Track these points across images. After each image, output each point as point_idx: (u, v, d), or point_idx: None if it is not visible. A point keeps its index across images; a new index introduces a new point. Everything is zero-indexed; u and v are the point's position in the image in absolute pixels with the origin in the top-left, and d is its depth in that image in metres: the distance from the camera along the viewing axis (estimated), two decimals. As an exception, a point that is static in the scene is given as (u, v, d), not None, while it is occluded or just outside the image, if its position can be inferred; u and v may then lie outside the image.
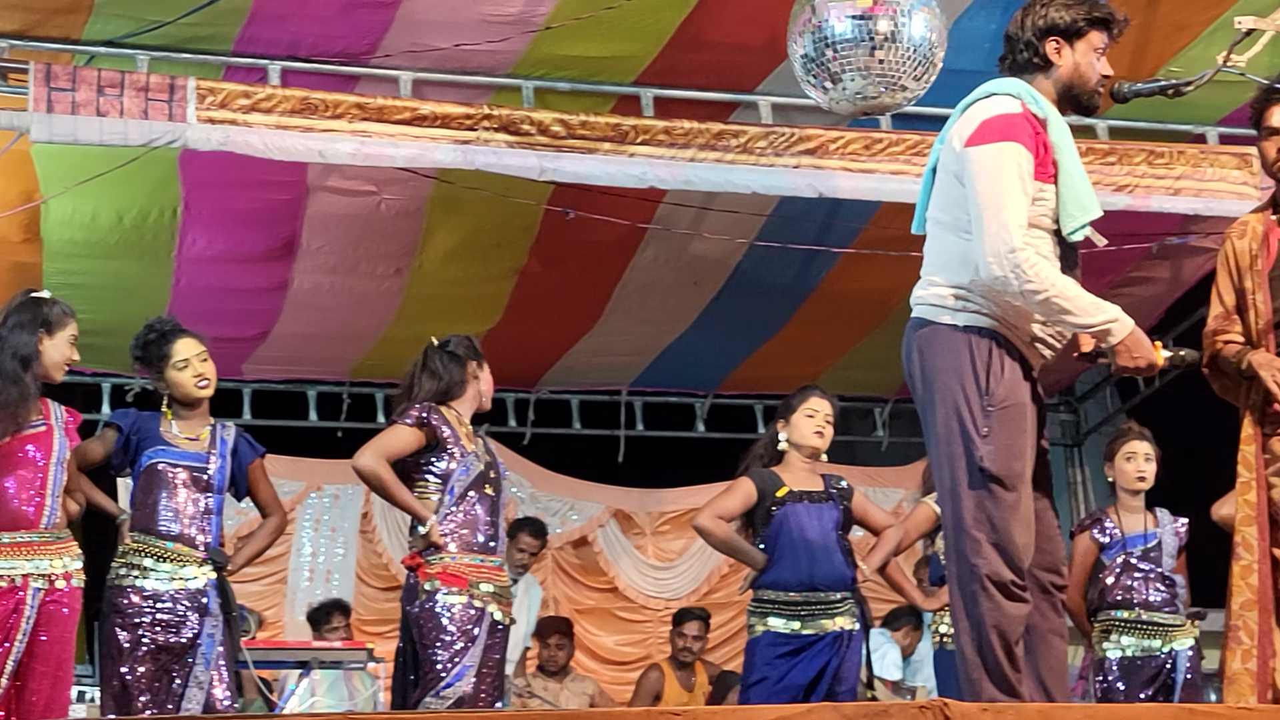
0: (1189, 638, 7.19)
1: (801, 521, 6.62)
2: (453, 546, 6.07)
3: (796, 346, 10.37)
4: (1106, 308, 4.48)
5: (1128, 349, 4.48)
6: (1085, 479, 11.70)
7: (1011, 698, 4.32)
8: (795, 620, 6.55)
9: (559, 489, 11.29)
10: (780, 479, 6.69)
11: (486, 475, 6.23)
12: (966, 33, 7.17)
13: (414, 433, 6.15)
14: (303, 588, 10.75)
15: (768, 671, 6.49)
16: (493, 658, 6.11)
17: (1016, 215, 4.40)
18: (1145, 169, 7.84)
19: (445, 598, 6.00)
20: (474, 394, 6.42)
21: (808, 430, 6.77)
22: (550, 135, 7.20)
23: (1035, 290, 4.37)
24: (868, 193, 7.58)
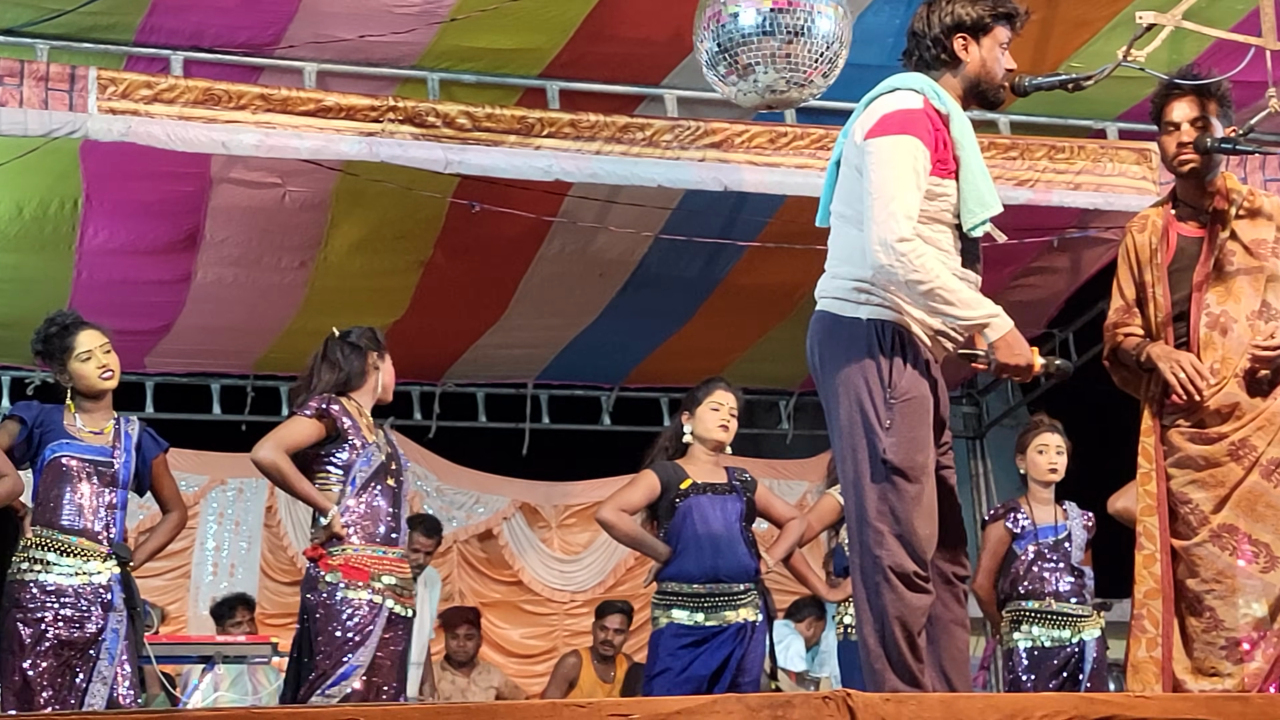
0: (1096, 628, 7.28)
1: (705, 514, 6.64)
2: (355, 538, 6.03)
3: (702, 339, 10.40)
4: (987, 304, 4.49)
5: (1008, 345, 4.47)
6: (987, 471, 11.81)
7: (914, 688, 4.36)
8: (699, 612, 6.56)
9: (464, 482, 11.26)
10: (684, 471, 6.71)
11: (388, 466, 6.19)
12: (871, 28, 7.22)
13: (313, 424, 6.10)
14: (206, 582, 10.67)
15: (670, 662, 6.51)
16: (392, 651, 6.07)
17: (906, 207, 4.43)
18: (1046, 164, 7.92)
19: (345, 591, 5.96)
20: (374, 385, 6.36)
21: (713, 423, 6.79)
22: (456, 128, 7.18)
23: (919, 280, 4.39)
24: (773, 186, 7.62)
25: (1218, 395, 5.11)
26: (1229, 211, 5.22)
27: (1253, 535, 5.05)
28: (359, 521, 6.05)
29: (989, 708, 3.77)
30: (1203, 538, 5.10)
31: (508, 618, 11.14)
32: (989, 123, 8.12)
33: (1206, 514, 5.11)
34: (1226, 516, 5.08)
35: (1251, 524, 5.06)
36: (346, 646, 5.90)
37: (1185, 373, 5.09)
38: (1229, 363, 5.12)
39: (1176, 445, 5.19)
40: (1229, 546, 5.07)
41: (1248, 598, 5.04)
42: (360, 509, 6.07)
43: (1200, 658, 5.09)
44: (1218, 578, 5.07)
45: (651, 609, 6.74)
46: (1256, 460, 5.07)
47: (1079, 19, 7.54)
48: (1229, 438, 5.10)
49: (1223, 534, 5.08)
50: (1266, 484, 5.07)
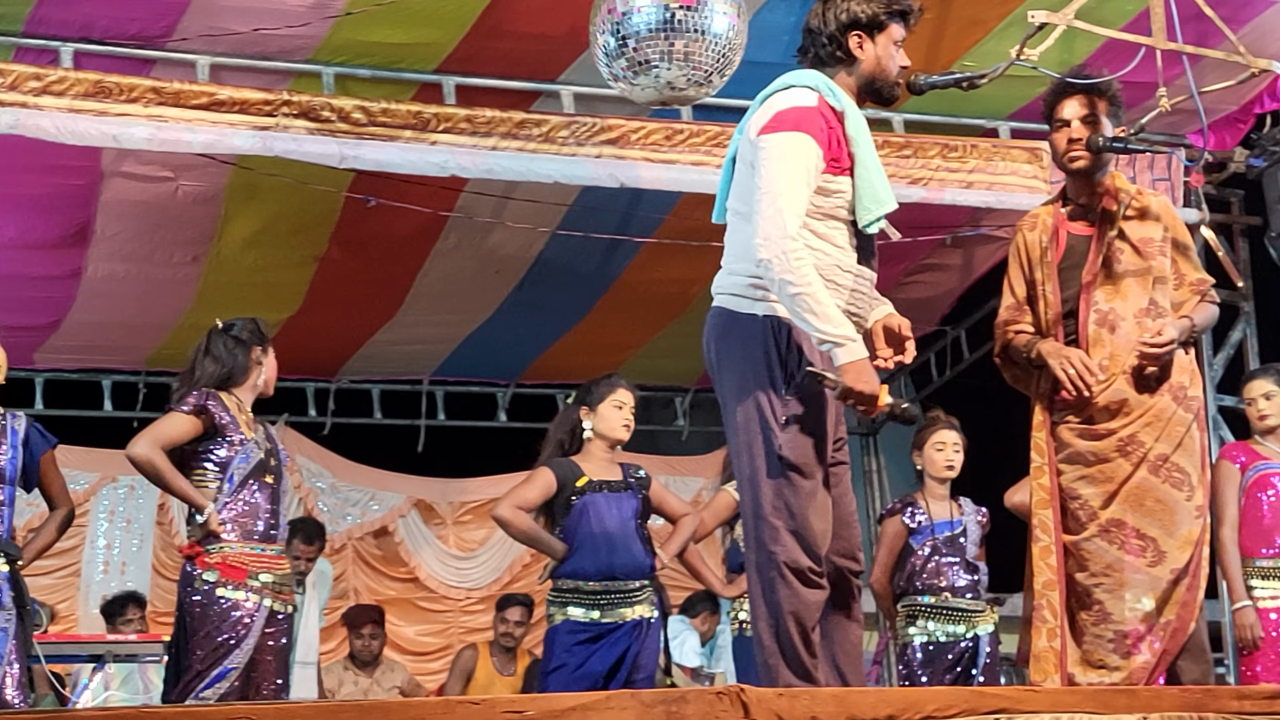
0: (990, 623, 7.35)
1: (600, 511, 6.63)
2: (232, 536, 5.96)
3: (599, 336, 10.40)
4: (848, 328, 4.42)
5: (857, 372, 4.38)
6: (881, 467, 11.90)
7: (807, 683, 4.38)
8: (595, 609, 6.56)
9: (359, 479, 11.20)
10: (580, 468, 6.70)
11: (267, 463, 6.13)
12: (766, 25, 7.25)
13: (191, 420, 6.01)
14: (97, 580, 10.55)
15: (566, 659, 6.50)
16: (272, 648, 6.02)
17: (794, 204, 4.43)
18: (940, 162, 7.99)
19: (222, 591, 5.90)
20: (256, 380, 6.29)
21: (616, 421, 6.78)
22: (351, 122, 7.14)
23: (790, 282, 4.37)
24: (669, 183, 7.64)
25: (1106, 392, 5.17)
26: (1117, 211, 5.28)
27: (1140, 530, 5.13)
28: (237, 519, 5.98)
29: (881, 702, 3.80)
30: (1091, 532, 5.17)
31: (403, 615, 11.08)
32: (883, 121, 8.18)
33: (1095, 509, 5.18)
34: (1115, 511, 5.15)
35: (1139, 519, 5.13)
36: (223, 648, 5.84)
37: (1074, 369, 5.15)
38: (1117, 360, 5.18)
39: (1066, 441, 5.25)
40: (1117, 541, 5.13)
41: (1136, 591, 5.11)
42: (238, 506, 6.00)
43: (1089, 650, 5.16)
44: (1106, 571, 5.14)
45: (547, 606, 6.72)
46: (1144, 456, 5.14)
47: (972, 18, 7.61)
48: (1117, 434, 5.17)
49: (1111, 529, 5.15)
50: (1154, 479, 5.14)
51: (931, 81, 5.11)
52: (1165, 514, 5.13)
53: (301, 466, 10.90)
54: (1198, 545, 5.16)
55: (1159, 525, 5.13)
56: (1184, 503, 5.15)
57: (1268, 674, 6.83)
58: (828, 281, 4.54)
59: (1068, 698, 4.13)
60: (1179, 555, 5.12)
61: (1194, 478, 5.19)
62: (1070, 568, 5.22)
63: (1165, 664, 5.15)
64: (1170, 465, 5.16)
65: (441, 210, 8.32)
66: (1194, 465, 5.20)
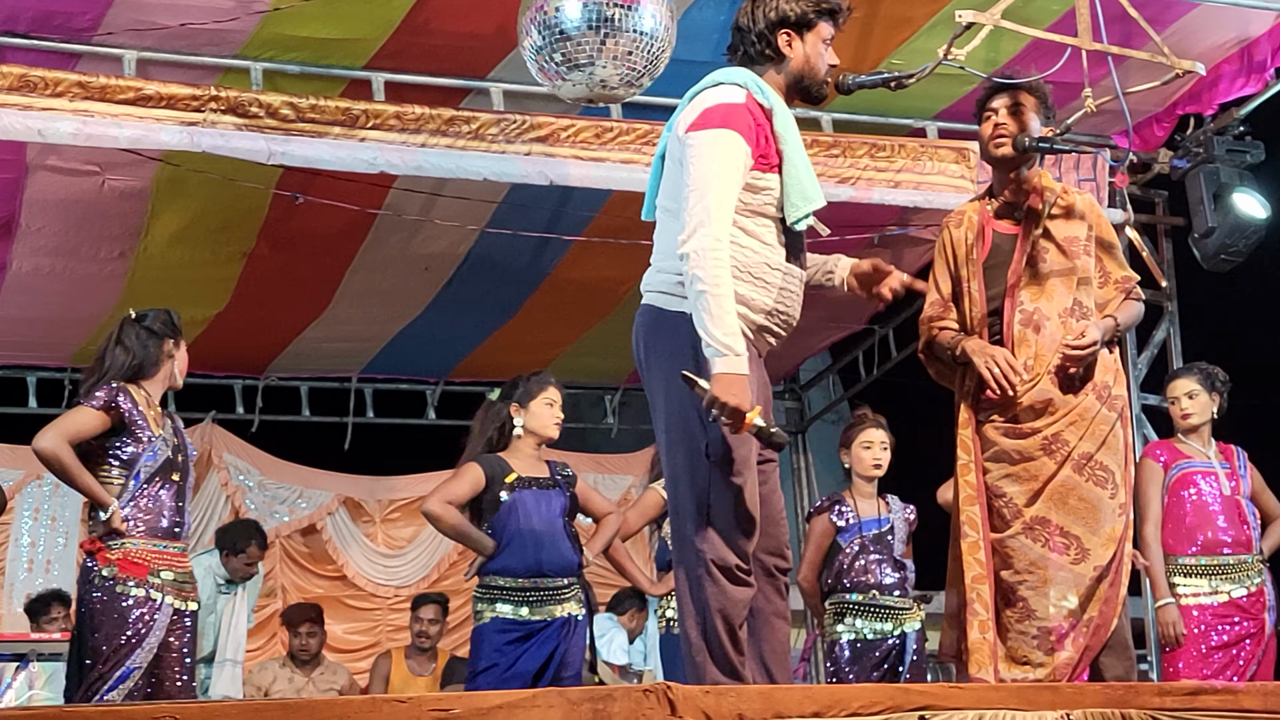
0: (916, 620, 7.40)
1: (529, 508, 6.63)
2: (136, 532, 5.90)
3: (528, 333, 10.39)
4: (739, 342, 4.37)
5: (728, 384, 4.30)
6: (809, 464, 11.94)
7: (734, 680, 4.39)
8: (523, 606, 6.55)
9: (287, 477, 11.15)
10: (508, 465, 6.69)
11: (174, 460, 6.06)
12: (696, 23, 7.26)
13: (99, 415, 5.93)
14: (21, 578, 10.46)
15: (496, 658, 6.48)
16: (175, 645, 5.96)
17: (722, 202, 4.44)
18: (868, 161, 8.02)
19: (122, 588, 5.84)
20: (167, 373, 6.19)
21: (548, 420, 6.77)
22: (279, 118, 7.10)
23: (700, 279, 4.37)
24: (598, 181, 7.64)
25: (1031, 392, 5.21)
26: (1043, 209, 5.32)
27: (1064, 528, 5.16)
28: (141, 516, 5.92)
29: (807, 699, 3.82)
30: (1016, 530, 5.20)
31: (332, 613, 11.00)
32: (812, 121, 8.21)
33: (1020, 507, 5.21)
34: (1039, 509, 5.19)
35: (1063, 517, 5.17)
36: (125, 647, 5.78)
37: (999, 368, 5.18)
38: (1042, 360, 5.22)
39: (991, 440, 5.29)
40: (1041, 538, 5.17)
41: (1060, 588, 5.15)
42: (143, 503, 5.94)
43: (1013, 647, 5.19)
44: (1030, 568, 5.18)
45: (474, 603, 6.70)
46: (1069, 455, 5.18)
47: (900, 16, 7.65)
48: (1042, 432, 5.20)
49: (1035, 526, 5.18)
50: (1078, 478, 5.19)
51: (860, 81, 5.13)
52: (1089, 512, 5.17)
53: (229, 464, 10.84)
54: (1120, 542, 5.21)
55: (1082, 523, 5.17)
56: (1107, 500, 5.19)
57: (1189, 670, 6.90)
58: (755, 279, 4.56)
59: (992, 694, 4.16)
60: (1102, 553, 5.16)
61: (1117, 476, 5.23)
62: (995, 565, 5.25)
63: (1088, 660, 5.19)
64: (1094, 464, 5.20)
65: (370, 207, 8.29)
66: (1118, 463, 5.25)
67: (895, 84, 5.22)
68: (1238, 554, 7.04)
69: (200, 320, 9.60)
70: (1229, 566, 7.03)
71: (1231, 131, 8.99)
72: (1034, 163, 5.38)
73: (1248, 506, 7.13)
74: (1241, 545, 7.05)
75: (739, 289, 4.51)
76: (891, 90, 5.26)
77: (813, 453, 11.94)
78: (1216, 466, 7.15)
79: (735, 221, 4.50)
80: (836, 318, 10.59)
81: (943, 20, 7.50)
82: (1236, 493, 7.12)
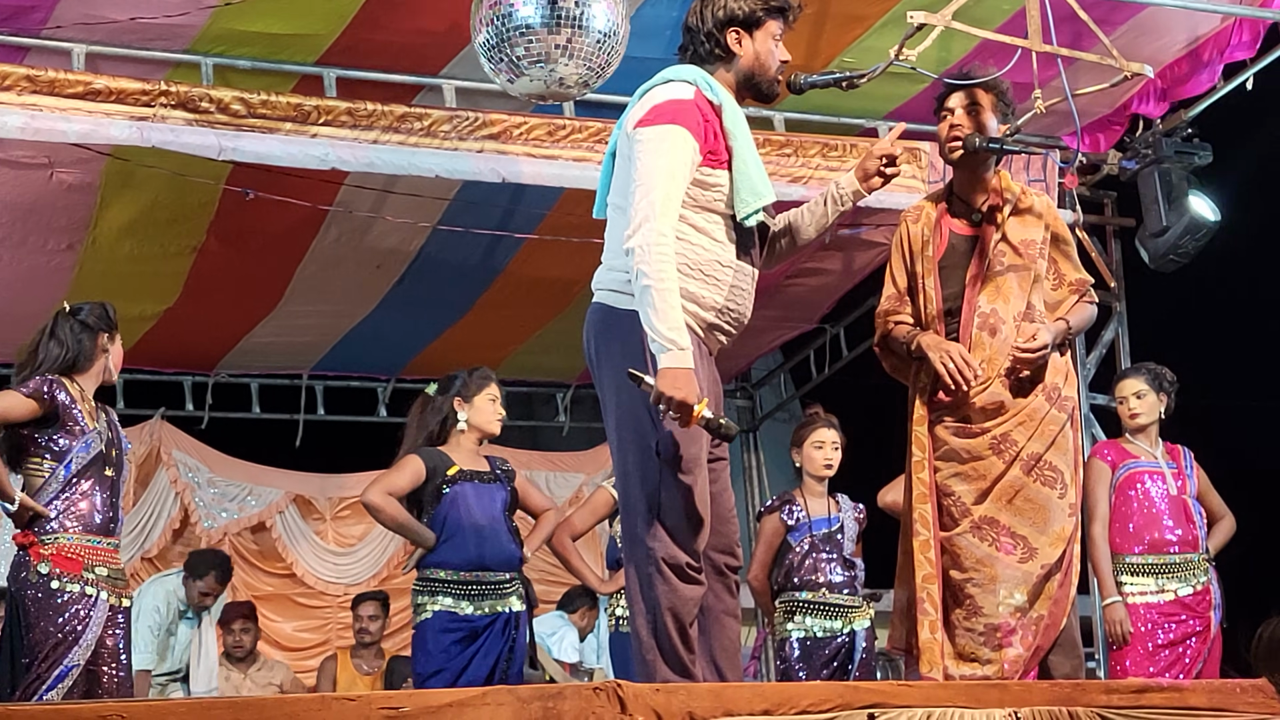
0: (866, 619, 7.43)
1: (470, 502, 6.61)
2: (69, 526, 5.86)
3: (480, 331, 10.37)
4: (683, 336, 4.37)
5: (673, 378, 4.31)
6: (760, 463, 11.95)
7: (685, 678, 4.39)
8: (465, 600, 6.53)
9: (237, 474, 11.08)
10: (449, 458, 6.68)
11: (107, 455, 6.00)
12: (648, 21, 7.26)
13: (28, 402, 5.85)
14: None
15: (443, 661, 6.45)
16: (111, 643, 5.91)
17: (668, 196, 4.45)
18: (820, 161, 8.02)
19: (58, 583, 5.78)
20: (101, 367, 6.14)
21: (491, 415, 6.78)
22: (230, 114, 7.06)
23: (645, 274, 4.38)
24: (551, 179, 7.62)
25: (983, 394, 5.22)
26: (1002, 210, 5.34)
27: (1012, 528, 5.19)
28: (73, 510, 5.87)
29: (757, 697, 3.83)
30: (964, 528, 5.22)
31: (280, 611, 10.99)
32: (765, 120, 8.22)
33: (968, 506, 5.23)
34: (988, 509, 5.20)
35: (1011, 517, 5.19)
36: (62, 645, 5.73)
37: (954, 363, 5.19)
38: (995, 363, 5.23)
39: (942, 439, 5.30)
40: (989, 538, 5.19)
41: (1008, 586, 5.17)
42: (75, 496, 5.90)
43: (962, 644, 5.21)
44: (977, 566, 5.19)
45: (414, 596, 6.67)
46: (1017, 455, 5.20)
47: (852, 14, 7.66)
48: (991, 432, 5.22)
49: (983, 525, 5.20)
50: (1027, 479, 5.21)
51: (811, 81, 5.15)
52: (1037, 512, 5.20)
53: (178, 461, 10.78)
54: (1070, 542, 5.23)
55: (1030, 523, 5.19)
56: (1056, 500, 5.22)
57: (1136, 668, 6.95)
58: (706, 276, 4.57)
59: (940, 692, 4.18)
60: (1050, 551, 5.19)
61: (1066, 476, 5.26)
62: (944, 564, 5.27)
63: (1037, 659, 5.21)
64: (1043, 464, 5.22)
65: (322, 204, 8.25)
66: (1067, 464, 5.27)
67: (847, 84, 5.23)
68: (1184, 553, 7.09)
69: (149, 316, 9.54)
70: (1175, 565, 7.08)
71: (1180, 133, 9.05)
72: (993, 163, 5.38)
73: (1194, 506, 7.18)
74: (1188, 544, 7.10)
75: (689, 286, 4.52)
76: (843, 90, 5.27)
77: (764, 451, 11.95)
78: (1163, 466, 7.20)
79: (685, 218, 4.51)
80: (788, 317, 10.61)
81: (894, 19, 7.51)
82: (1183, 492, 7.17)
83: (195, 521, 10.70)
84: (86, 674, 5.79)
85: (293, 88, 7.60)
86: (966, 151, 5.28)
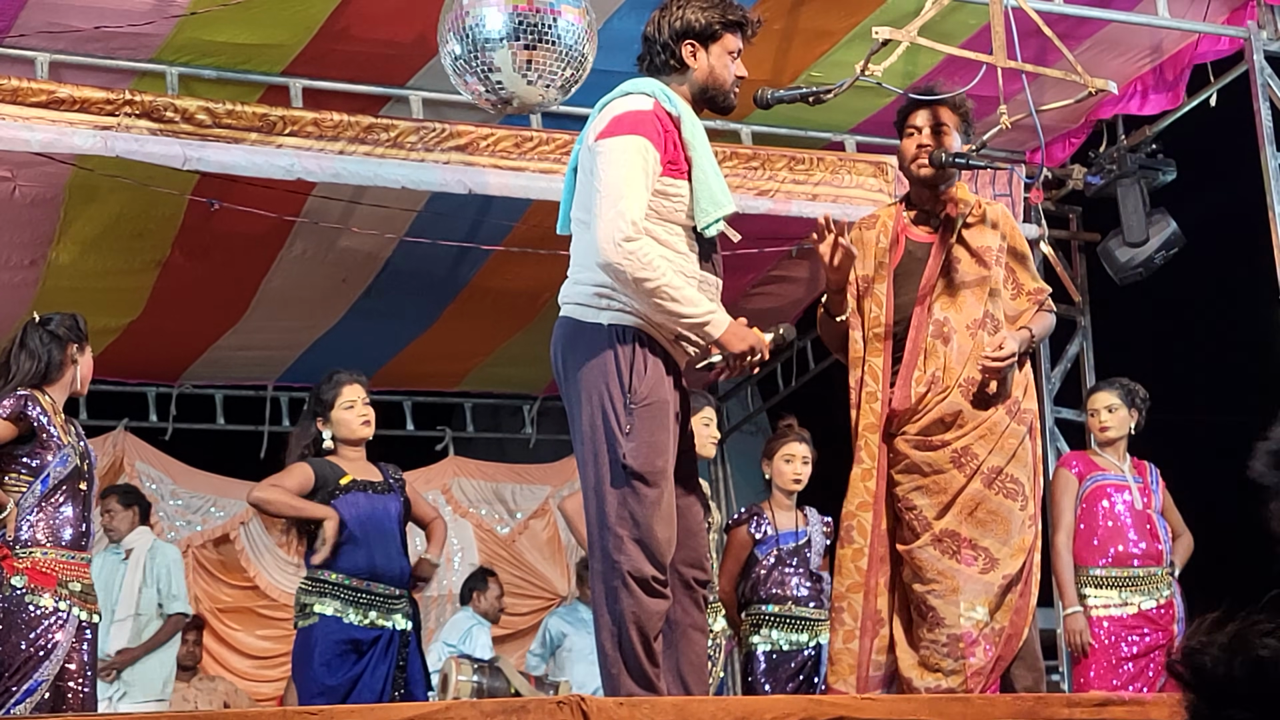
0: (831, 632, 7.43)
1: (363, 511, 6.51)
2: (44, 540, 5.81)
3: (447, 343, 10.36)
4: (706, 302, 4.55)
5: (734, 336, 4.54)
6: (727, 475, 11.95)
7: (650, 692, 4.39)
8: (352, 607, 6.41)
9: (201, 485, 11.04)
10: (340, 468, 6.60)
11: (81, 469, 5.97)
12: (617, 33, 7.25)
13: (6, 425, 5.81)
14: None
15: (326, 679, 6.31)
16: (78, 659, 5.86)
17: (634, 206, 4.46)
18: (786, 174, 8.04)
19: (31, 597, 5.75)
20: (70, 378, 6.09)
21: (353, 422, 6.67)
22: (195, 123, 7.03)
23: (645, 278, 4.42)
24: (518, 190, 7.62)
25: (941, 404, 5.24)
26: (958, 220, 5.36)
27: (974, 540, 5.20)
28: (47, 524, 5.84)
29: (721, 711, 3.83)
30: (924, 541, 5.23)
31: (242, 622, 10.94)
32: (731, 133, 8.24)
33: (930, 519, 5.24)
34: (949, 523, 5.21)
35: (973, 530, 5.21)
36: (31, 661, 5.69)
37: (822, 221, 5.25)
38: (951, 372, 5.25)
39: (902, 452, 5.32)
40: (950, 551, 5.20)
41: (970, 598, 5.18)
42: (49, 512, 5.86)
43: (925, 655, 5.22)
44: (938, 577, 5.20)
45: (299, 596, 6.55)
46: (978, 468, 5.22)
47: (819, 29, 7.68)
48: (951, 445, 5.24)
49: (944, 539, 5.21)
50: (988, 492, 5.22)
51: (778, 96, 5.17)
52: (998, 524, 5.21)
53: (141, 473, 10.73)
54: (1030, 552, 5.26)
55: (992, 535, 5.21)
56: (1017, 512, 5.24)
57: (1099, 681, 6.97)
58: (670, 288, 4.58)
59: (904, 705, 4.19)
60: (1011, 562, 5.20)
61: (1027, 488, 5.28)
62: (907, 577, 5.28)
63: (1000, 670, 5.23)
64: (1004, 477, 5.24)
65: (287, 215, 8.23)
66: (1027, 476, 5.29)
67: (814, 99, 5.26)
68: (1147, 566, 7.11)
69: (114, 328, 9.51)
70: (1139, 578, 7.10)
71: (1144, 149, 9.09)
72: (954, 179, 5.42)
73: (1159, 521, 7.20)
74: (1152, 558, 7.12)
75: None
76: (810, 105, 5.29)
77: (730, 464, 11.95)
78: (1130, 480, 7.22)
79: (648, 230, 4.52)
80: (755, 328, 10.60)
81: (861, 34, 7.54)
82: (1149, 507, 7.19)
83: (159, 533, 10.64)
84: (54, 689, 5.75)
85: (259, 98, 7.57)
86: (933, 167, 5.30)
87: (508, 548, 11.35)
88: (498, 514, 11.46)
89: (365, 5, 7.14)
